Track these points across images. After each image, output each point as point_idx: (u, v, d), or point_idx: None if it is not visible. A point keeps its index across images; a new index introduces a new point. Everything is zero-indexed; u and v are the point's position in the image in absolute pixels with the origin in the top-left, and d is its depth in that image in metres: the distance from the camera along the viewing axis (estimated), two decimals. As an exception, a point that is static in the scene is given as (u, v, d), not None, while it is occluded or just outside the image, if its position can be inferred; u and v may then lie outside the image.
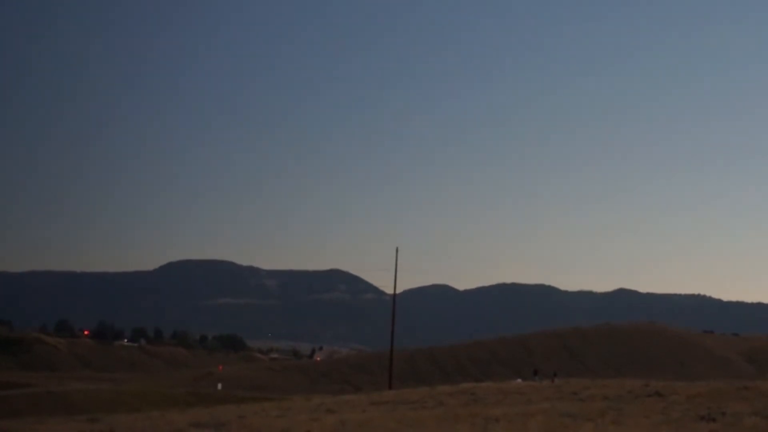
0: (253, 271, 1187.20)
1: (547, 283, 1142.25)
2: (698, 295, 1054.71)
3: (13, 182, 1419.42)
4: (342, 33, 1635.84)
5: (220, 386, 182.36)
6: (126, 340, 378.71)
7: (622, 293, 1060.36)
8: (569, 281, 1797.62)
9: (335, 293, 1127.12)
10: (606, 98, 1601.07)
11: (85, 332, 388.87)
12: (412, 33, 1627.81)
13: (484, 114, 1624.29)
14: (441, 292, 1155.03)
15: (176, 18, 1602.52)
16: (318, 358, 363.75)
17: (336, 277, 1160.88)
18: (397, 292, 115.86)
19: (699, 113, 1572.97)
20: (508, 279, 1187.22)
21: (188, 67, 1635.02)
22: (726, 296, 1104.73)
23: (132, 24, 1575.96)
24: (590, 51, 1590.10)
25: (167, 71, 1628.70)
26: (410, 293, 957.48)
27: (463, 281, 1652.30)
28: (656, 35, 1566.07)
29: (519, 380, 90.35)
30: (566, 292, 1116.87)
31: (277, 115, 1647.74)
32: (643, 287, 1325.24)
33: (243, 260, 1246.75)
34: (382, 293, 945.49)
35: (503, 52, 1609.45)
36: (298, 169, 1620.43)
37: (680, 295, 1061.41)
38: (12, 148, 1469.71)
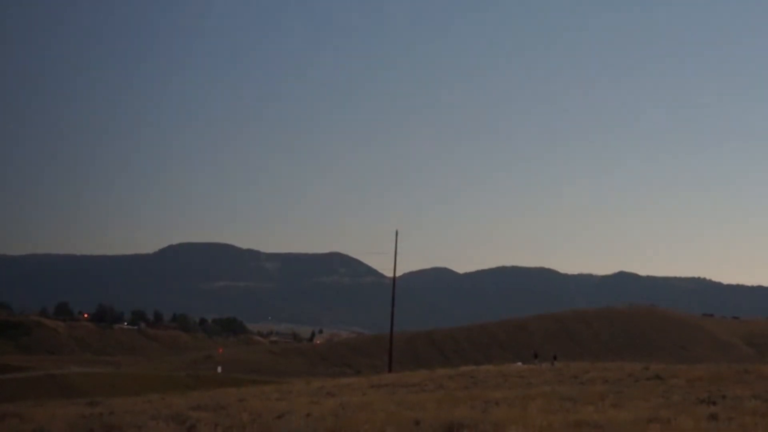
0: (252, 254, 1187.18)
1: (547, 266, 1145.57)
2: (698, 279, 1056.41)
3: (13, 168, 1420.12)
4: (342, 26, 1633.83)
5: (220, 369, 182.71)
6: (126, 324, 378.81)
7: (622, 276, 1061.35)
8: (569, 264, 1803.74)
9: (335, 276, 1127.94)
10: (605, 85, 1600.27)
11: (85, 315, 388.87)
12: (413, 25, 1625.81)
13: (484, 100, 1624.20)
14: (441, 276, 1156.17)
15: (174, 15, 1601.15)
16: (318, 342, 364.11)
17: (336, 261, 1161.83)
18: (397, 275, 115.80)
19: (698, 102, 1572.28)
20: (508, 262, 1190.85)
21: (187, 58, 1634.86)
22: (726, 280, 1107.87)
23: (135, 23, 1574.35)
24: (591, 46, 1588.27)
25: (166, 63, 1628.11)
26: (410, 276, 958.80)
27: (463, 264, 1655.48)
28: (662, 30, 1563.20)
29: (519, 363, 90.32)
30: (566, 276, 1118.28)
31: (277, 101, 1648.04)
32: (643, 270, 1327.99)
33: (243, 243, 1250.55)
34: (381, 276, 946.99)
35: (502, 41, 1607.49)
36: (298, 154, 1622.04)
37: (680, 279, 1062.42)
38: (13, 136, 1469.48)
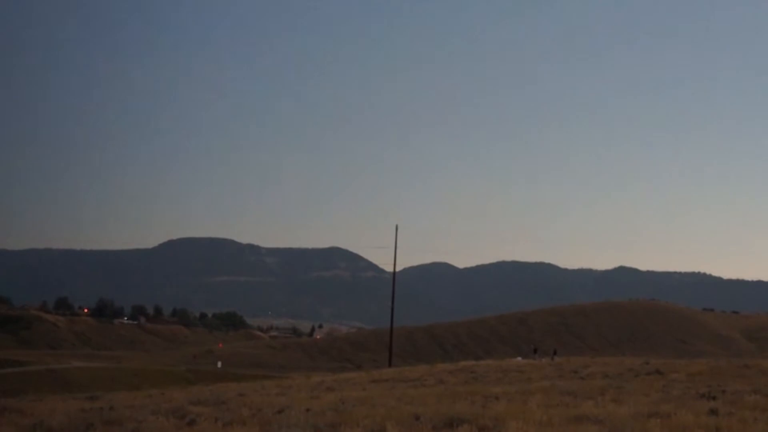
0: (253, 248, 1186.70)
1: (547, 260, 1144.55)
2: (698, 273, 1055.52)
3: (13, 161, 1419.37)
4: (342, 22, 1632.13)
5: (219, 364, 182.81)
6: (126, 318, 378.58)
7: (622, 271, 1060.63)
8: (569, 259, 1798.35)
9: (335, 271, 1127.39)
10: (603, 77, 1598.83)
11: (85, 310, 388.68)
12: (411, 20, 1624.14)
13: (484, 94, 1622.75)
14: (441, 270, 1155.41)
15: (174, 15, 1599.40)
16: (318, 336, 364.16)
17: (336, 255, 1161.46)
18: (397, 269, 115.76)
19: (697, 97, 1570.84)
20: (508, 257, 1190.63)
21: (186, 54, 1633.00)
22: (726, 274, 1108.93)
23: (136, 17, 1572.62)
24: (591, 37, 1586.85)
25: (165, 59, 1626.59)
26: (410, 271, 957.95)
27: (463, 259, 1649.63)
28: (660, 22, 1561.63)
29: (519, 358, 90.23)
30: (566, 270, 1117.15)
31: (277, 96, 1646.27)
32: (644, 265, 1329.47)
33: (243, 238, 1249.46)
34: (381, 271, 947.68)
35: (503, 34, 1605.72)
36: (299, 148, 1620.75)
37: (680, 273, 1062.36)
38: (12, 129, 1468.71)
